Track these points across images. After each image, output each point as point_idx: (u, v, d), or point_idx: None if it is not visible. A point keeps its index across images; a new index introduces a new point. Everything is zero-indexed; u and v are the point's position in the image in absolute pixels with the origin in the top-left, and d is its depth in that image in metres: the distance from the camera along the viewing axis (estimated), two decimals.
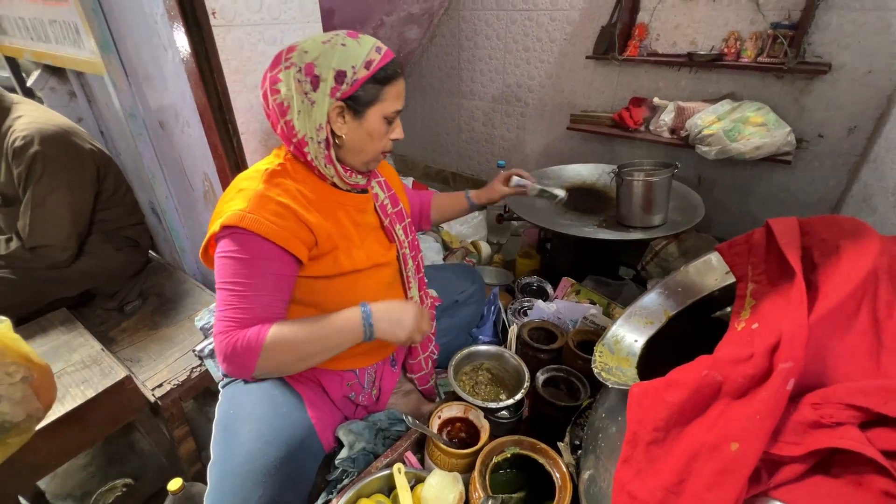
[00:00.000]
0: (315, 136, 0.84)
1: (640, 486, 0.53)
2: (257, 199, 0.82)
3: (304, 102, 0.82)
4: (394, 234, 1.02)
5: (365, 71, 0.82)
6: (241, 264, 0.81)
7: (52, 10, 1.41)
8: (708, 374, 0.48)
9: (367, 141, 0.88)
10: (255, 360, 0.81)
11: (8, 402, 0.89)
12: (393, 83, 0.86)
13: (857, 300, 0.47)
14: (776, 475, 0.43)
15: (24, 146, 1.29)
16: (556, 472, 0.80)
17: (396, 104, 0.89)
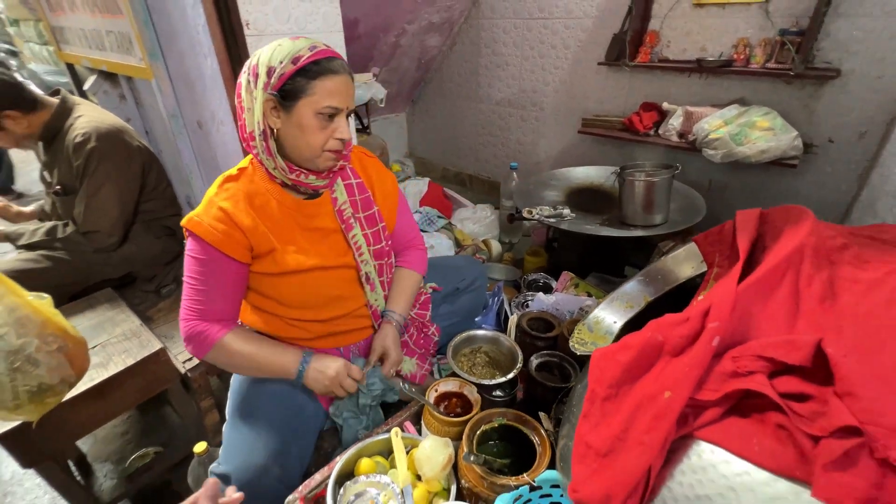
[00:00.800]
0: (255, 129, 0.89)
1: (595, 437, 0.60)
2: (206, 205, 0.92)
3: (248, 99, 0.89)
4: (350, 239, 1.04)
5: (291, 65, 0.85)
6: (196, 262, 0.92)
7: (109, 22, 1.58)
8: (652, 336, 0.56)
9: (300, 135, 0.88)
10: (204, 354, 0.95)
11: (45, 366, 1.03)
12: (324, 78, 0.86)
13: (782, 272, 0.53)
14: (700, 418, 0.49)
15: (83, 142, 1.45)
16: (536, 438, 0.87)
17: (330, 100, 0.87)
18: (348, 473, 0.95)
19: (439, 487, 0.91)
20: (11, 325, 0.95)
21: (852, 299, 0.50)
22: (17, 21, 4.15)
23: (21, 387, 0.98)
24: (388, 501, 0.89)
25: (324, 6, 1.27)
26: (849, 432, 0.38)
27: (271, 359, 0.99)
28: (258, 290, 1.02)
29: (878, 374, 0.41)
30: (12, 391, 0.97)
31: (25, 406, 1.02)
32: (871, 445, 0.37)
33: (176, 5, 1.28)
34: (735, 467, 0.46)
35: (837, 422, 0.38)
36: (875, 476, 0.36)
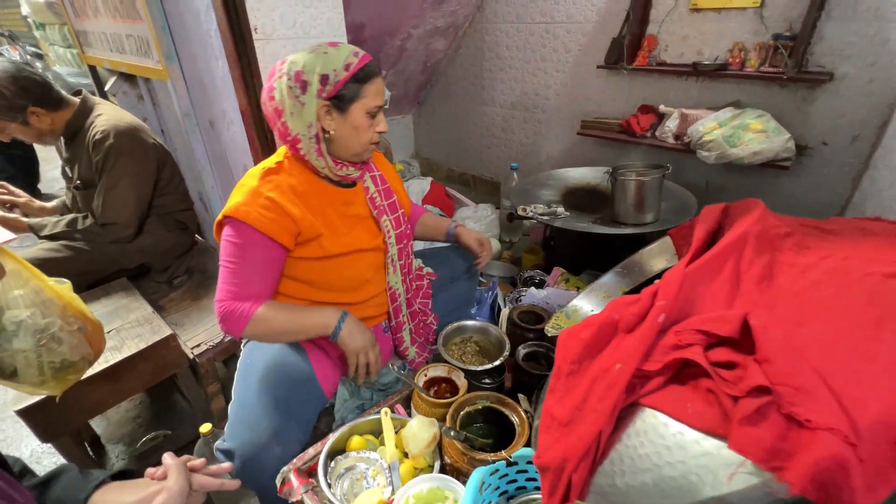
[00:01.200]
0: (306, 133, 0.98)
1: (559, 409, 0.65)
2: (251, 195, 0.99)
3: (294, 105, 0.96)
4: (381, 222, 1.15)
5: (345, 72, 0.95)
6: (236, 248, 0.99)
7: (129, 27, 1.68)
8: (608, 315, 0.61)
9: (354, 134, 1.01)
10: (242, 329, 1.01)
11: (68, 344, 1.11)
12: (371, 81, 0.98)
13: (726, 256, 0.58)
14: (645, 387, 0.54)
15: (102, 139, 1.55)
16: (516, 419, 0.92)
17: (376, 100, 1.00)
18: (340, 450, 1.01)
19: (424, 464, 0.96)
20: (38, 306, 1.03)
21: (787, 281, 0.54)
22: (44, 25, 4.32)
23: (46, 363, 1.07)
24: (376, 475, 0.95)
25: (328, 11, 1.35)
26: (761, 392, 0.43)
27: (310, 317, 1.05)
28: (292, 275, 1.10)
29: (795, 344, 0.46)
30: (38, 367, 1.05)
31: (49, 382, 1.11)
32: (778, 402, 0.42)
33: (190, 11, 1.37)
34: (672, 429, 0.51)
35: (752, 383, 0.43)
36: (780, 429, 0.41)
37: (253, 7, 1.19)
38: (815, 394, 0.41)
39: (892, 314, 0.45)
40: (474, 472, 0.81)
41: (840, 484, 0.38)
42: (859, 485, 0.38)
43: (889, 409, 0.40)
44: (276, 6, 1.24)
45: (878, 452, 0.40)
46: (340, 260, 1.09)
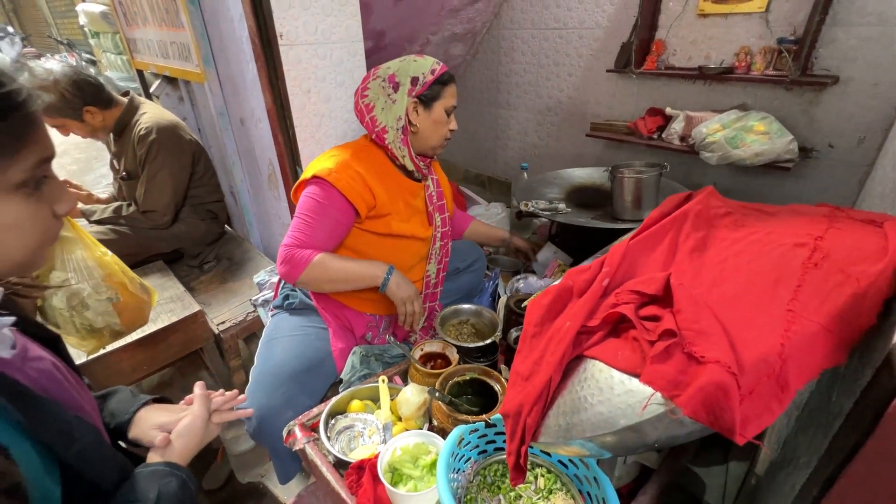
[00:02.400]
0: (395, 125, 1.18)
1: (523, 366, 0.74)
2: (343, 165, 1.16)
3: (386, 102, 1.17)
4: (433, 219, 1.34)
5: (431, 76, 1.16)
6: (316, 204, 1.16)
7: (172, 35, 1.87)
8: (564, 281, 0.69)
9: (434, 127, 1.21)
10: (301, 271, 1.15)
11: (93, 311, 1.26)
12: (449, 85, 1.20)
13: (666, 231, 0.66)
14: (589, 340, 0.63)
15: (146, 135, 1.73)
16: (497, 386, 1.01)
17: (453, 101, 1.22)
18: (341, 411, 1.12)
19: (415, 426, 1.06)
20: (77, 272, 1.19)
21: (716, 252, 0.61)
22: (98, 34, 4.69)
23: (78, 323, 1.23)
24: (372, 434, 1.06)
25: (346, 20, 1.48)
26: (670, 335, 0.51)
27: (362, 268, 1.20)
28: (352, 245, 1.27)
29: (706, 299, 0.53)
30: (73, 325, 1.22)
31: (84, 341, 1.27)
32: (682, 343, 0.50)
33: (226, 20, 1.53)
34: (605, 373, 0.59)
35: (664, 327, 0.51)
36: (681, 365, 0.49)
37: (279, 16, 1.34)
38: (711, 335, 0.48)
39: (788, 276, 0.51)
40: (455, 428, 0.90)
41: (723, 406, 0.46)
42: (738, 408, 0.45)
43: (770, 350, 0.47)
44: (300, 15, 1.37)
45: (760, 385, 0.47)
46: (398, 241, 1.27)
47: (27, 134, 0.46)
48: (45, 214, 0.50)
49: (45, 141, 0.48)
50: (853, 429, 0.51)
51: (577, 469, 0.84)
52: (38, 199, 0.48)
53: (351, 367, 1.25)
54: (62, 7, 7.55)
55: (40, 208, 0.49)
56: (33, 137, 0.46)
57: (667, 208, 0.76)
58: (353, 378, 1.23)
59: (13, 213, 0.46)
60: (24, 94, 0.45)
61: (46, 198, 0.50)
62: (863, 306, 0.48)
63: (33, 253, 0.50)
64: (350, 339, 1.34)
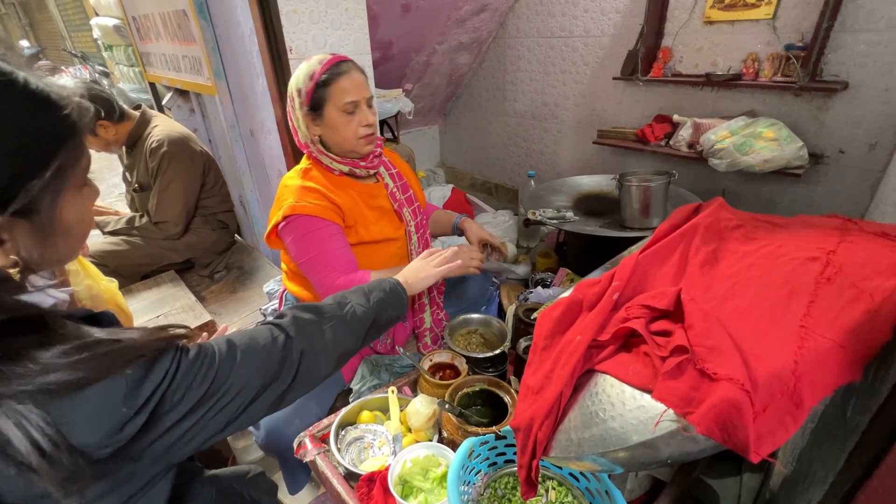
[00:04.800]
0: (311, 140, 1.14)
1: (533, 379, 0.74)
2: (300, 192, 1.13)
3: (296, 119, 1.13)
4: (402, 215, 1.29)
5: (310, 82, 1.06)
6: (308, 240, 1.12)
7: (184, 49, 1.91)
8: (574, 294, 0.70)
9: (335, 133, 1.11)
10: None
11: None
12: (336, 82, 1.07)
13: (676, 244, 0.66)
14: (600, 355, 0.63)
15: (158, 147, 1.76)
16: (507, 398, 1.01)
17: (347, 96, 1.07)
18: (351, 422, 1.12)
19: (425, 438, 1.06)
20: (89, 300, 1.24)
21: (727, 265, 0.61)
22: (111, 47, 4.79)
23: None
24: (382, 445, 1.06)
25: (354, 33, 1.50)
26: (682, 351, 0.50)
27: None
28: None
29: (717, 314, 0.53)
30: None
31: None
32: (694, 360, 0.49)
33: (237, 35, 1.56)
34: (617, 388, 0.59)
35: (675, 343, 0.51)
36: (694, 381, 0.49)
37: (289, 30, 1.36)
38: (724, 352, 0.48)
39: (800, 290, 0.51)
40: (465, 441, 0.90)
41: (736, 424, 0.46)
42: (752, 425, 0.45)
43: (784, 366, 0.47)
44: (309, 29, 1.40)
45: (774, 402, 0.47)
46: (372, 248, 1.24)
47: (84, 143, 0.55)
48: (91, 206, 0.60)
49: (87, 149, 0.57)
50: (870, 445, 0.51)
51: (588, 482, 0.83)
52: (87, 194, 0.58)
53: (360, 377, 1.26)
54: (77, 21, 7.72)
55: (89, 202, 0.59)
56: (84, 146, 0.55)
57: (676, 220, 0.76)
58: (362, 388, 1.23)
59: (80, 207, 0.55)
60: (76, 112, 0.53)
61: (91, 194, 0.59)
62: (877, 322, 0.48)
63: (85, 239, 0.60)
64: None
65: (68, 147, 0.51)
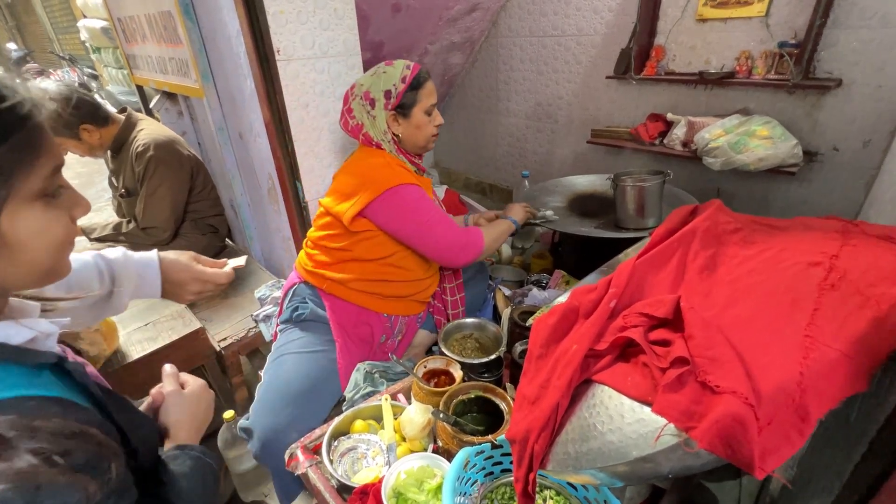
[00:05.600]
0: (384, 138, 1.24)
1: (529, 389, 0.72)
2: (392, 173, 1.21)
3: (368, 119, 1.23)
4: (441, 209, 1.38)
5: (402, 85, 1.19)
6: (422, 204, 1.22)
7: (171, 51, 1.87)
8: (570, 301, 0.67)
9: (417, 132, 1.26)
10: (482, 242, 1.29)
11: (87, 341, 1.35)
12: (423, 87, 1.22)
13: (674, 249, 0.64)
14: (597, 364, 0.61)
15: (144, 151, 1.73)
16: (503, 405, 0.99)
17: (430, 100, 1.24)
18: (344, 431, 1.10)
19: (420, 447, 1.04)
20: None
21: (726, 270, 0.59)
22: (99, 49, 4.73)
23: None
24: (376, 456, 1.04)
25: (343, 33, 1.47)
26: (682, 362, 0.49)
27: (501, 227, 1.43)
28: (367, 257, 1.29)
29: (717, 322, 0.51)
30: None
31: None
32: (695, 371, 0.48)
33: (223, 36, 1.53)
34: (615, 400, 0.57)
35: (675, 354, 0.49)
36: (695, 394, 0.47)
37: (276, 31, 1.33)
38: (726, 363, 0.46)
39: (804, 298, 0.49)
40: (460, 451, 0.88)
41: (741, 439, 0.44)
42: (757, 441, 0.43)
43: (789, 378, 0.45)
44: (297, 30, 1.37)
45: (779, 415, 0.45)
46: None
47: (41, 143, 0.47)
48: (65, 220, 0.52)
49: (56, 149, 0.50)
50: (879, 457, 0.49)
51: (586, 492, 0.81)
52: (57, 205, 0.50)
53: (354, 385, 1.23)
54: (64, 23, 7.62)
55: (60, 214, 0.51)
56: (46, 146, 0.48)
57: (673, 224, 0.74)
58: (356, 396, 1.21)
59: (38, 219, 0.48)
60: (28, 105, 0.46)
61: (64, 204, 0.52)
62: (884, 330, 0.46)
63: (58, 258, 0.52)
64: (357, 353, 1.32)
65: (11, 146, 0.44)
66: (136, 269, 0.81)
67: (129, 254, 0.82)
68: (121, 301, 0.80)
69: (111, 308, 0.80)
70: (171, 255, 0.86)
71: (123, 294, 0.79)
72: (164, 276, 0.84)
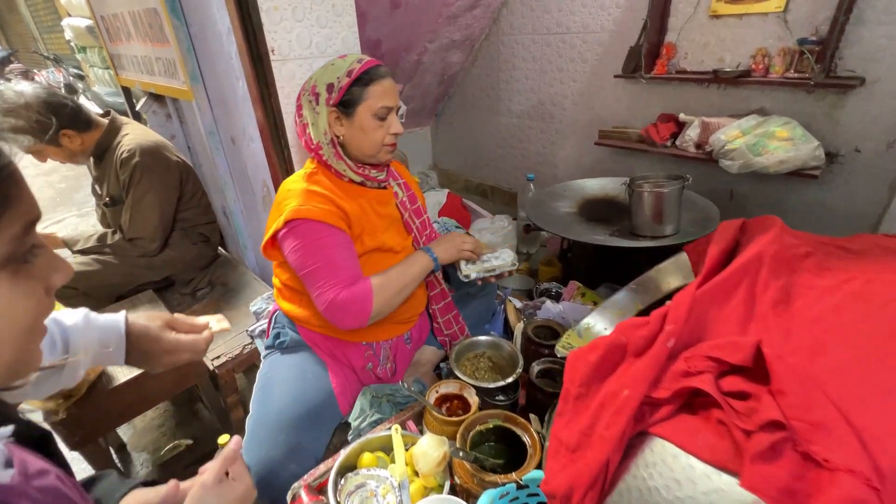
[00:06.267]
0: (324, 140, 1.06)
1: (567, 433, 0.64)
2: (305, 195, 1.04)
3: (313, 116, 1.05)
4: (412, 225, 1.21)
5: (347, 78, 1.01)
6: (312, 248, 1.02)
7: (157, 50, 1.76)
8: (616, 337, 0.59)
9: (362, 135, 1.05)
10: (370, 307, 1.03)
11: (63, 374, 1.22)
12: (375, 83, 1.02)
13: (739, 278, 0.55)
14: (655, 415, 0.52)
15: (129, 157, 1.62)
16: (527, 438, 0.90)
17: (383, 101, 1.03)
18: (351, 466, 1.01)
19: (434, 483, 0.95)
20: None
21: (805, 305, 0.51)
22: (85, 48, 4.58)
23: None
24: (386, 494, 0.94)
25: (342, 31, 1.38)
26: (775, 427, 0.40)
27: (413, 268, 1.13)
28: None
29: (811, 375, 0.43)
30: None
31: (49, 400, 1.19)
32: (794, 439, 0.39)
33: (213, 34, 1.42)
34: (682, 461, 0.49)
35: (766, 416, 0.41)
36: (796, 468, 0.39)
37: (270, 29, 1.23)
38: (833, 431, 0.38)
39: None
40: (484, 494, 0.79)
41: None
42: None
43: None
44: (293, 28, 1.27)
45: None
46: (379, 256, 1.14)
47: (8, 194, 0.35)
48: (37, 293, 0.39)
49: (29, 200, 0.38)
50: None
51: None
52: (28, 274, 0.38)
53: (360, 411, 1.14)
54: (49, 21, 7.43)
55: (31, 286, 0.38)
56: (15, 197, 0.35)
57: (726, 243, 0.66)
58: (362, 424, 1.11)
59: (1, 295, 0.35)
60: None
61: (38, 272, 0.39)
62: None
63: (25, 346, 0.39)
64: (350, 373, 1.22)
65: None
66: (96, 337, 0.68)
67: (92, 318, 0.69)
68: (74, 373, 0.68)
69: (60, 381, 0.67)
70: (142, 322, 0.73)
71: (79, 365, 0.66)
72: (131, 346, 0.71)
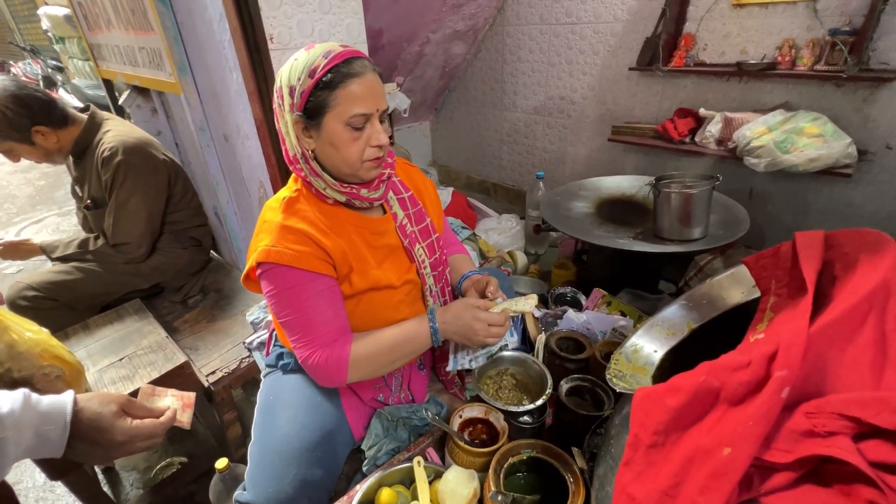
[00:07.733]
0: (297, 151, 0.84)
1: (639, 488, 0.54)
2: (278, 232, 0.85)
3: (283, 125, 0.84)
4: (413, 254, 1.01)
5: (309, 80, 0.78)
6: (285, 297, 0.86)
7: (141, 39, 1.62)
8: (706, 380, 0.49)
9: (333, 151, 0.82)
10: (344, 375, 0.89)
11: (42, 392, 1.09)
12: (345, 85, 0.78)
13: (864, 312, 0.46)
14: (768, 482, 0.43)
15: (111, 156, 1.48)
16: (569, 476, 0.81)
17: (356, 107, 0.79)
18: (368, 503, 0.91)
19: None
20: (11, 361, 0.99)
21: None
22: (63, 39, 4.35)
23: None
24: None
25: (347, 18, 1.26)
26: None
27: (405, 342, 0.91)
28: None
29: None
30: None
31: None
32: None
33: (203, 21, 1.29)
34: None
35: None
36: None
37: (268, 15, 1.11)
38: None
39: None
40: None
41: None
42: None
43: None
44: (294, 13, 1.15)
45: None
46: (371, 296, 0.97)
47: None
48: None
49: None
50: None
51: None
52: None
53: (374, 438, 1.03)
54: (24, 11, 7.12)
55: None
56: None
57: (816, 262, 0.56)
58: (378, 454, 1.01)
59: None
60: None
61: None
62: None
63: None
64: (361, 399, 1.11)
65: None
66: (32, 426, 0.58)
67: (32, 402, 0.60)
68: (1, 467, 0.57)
69: None
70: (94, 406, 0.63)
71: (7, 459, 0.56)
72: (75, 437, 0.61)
